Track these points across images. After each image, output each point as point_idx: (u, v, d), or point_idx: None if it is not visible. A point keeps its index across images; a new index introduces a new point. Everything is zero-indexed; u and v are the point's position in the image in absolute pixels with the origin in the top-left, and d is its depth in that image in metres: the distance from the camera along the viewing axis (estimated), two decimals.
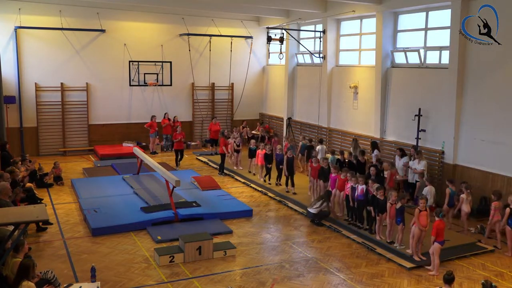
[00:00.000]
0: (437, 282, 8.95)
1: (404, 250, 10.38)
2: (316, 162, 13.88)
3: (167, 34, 22.11)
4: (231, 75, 23.47)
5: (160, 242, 10.93)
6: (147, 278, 9.21)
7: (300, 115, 21.51)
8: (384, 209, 10.73)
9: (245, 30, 23.45)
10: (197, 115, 23.22)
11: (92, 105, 21.05)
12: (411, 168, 13.72)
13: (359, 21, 18.05)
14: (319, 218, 12.37)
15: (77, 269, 9.49)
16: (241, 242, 11.14)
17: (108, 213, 12.39)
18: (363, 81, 17.56)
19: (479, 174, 13.10)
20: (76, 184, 15.21)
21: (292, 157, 14.89)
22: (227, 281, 9.13)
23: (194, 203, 13.16)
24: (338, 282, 9.20)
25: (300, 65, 21.69)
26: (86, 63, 20.76)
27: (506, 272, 9.78)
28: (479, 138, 13.21)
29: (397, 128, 16.11)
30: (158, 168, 13.81)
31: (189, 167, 18.71)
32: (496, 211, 10.89)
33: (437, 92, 14.43)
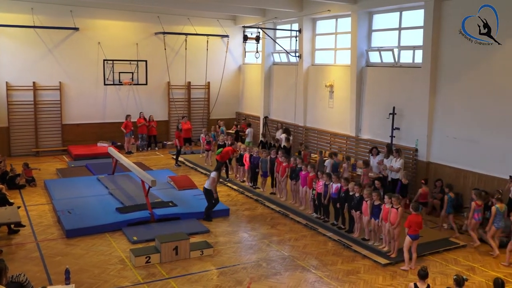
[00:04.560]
0: (412, 278, 9.09)
1: (379, 247, 10.53)
2: (285, 161, 13.84)
3: (142, 33, 21.91)
4: (207, 74, 23.40)
5: (136, 242, 10.81)
6: (122, 279, 9.11)
7: (277, 114, 21.58)
8: (360, 206, 10.86)
9: (221, 29, 23.40)
10: (173, 114, 23.07)
11: (65, 104, 20.71)
12: (387, 166, 13.89)
13: (334, 20, 18.21)
14: (206, 213, 12.45)
15: (51, 272, 9.32)
16: (218, 242, 11.12)
17: (83, 214, 12.21)
18: (339, 80, 17.72)
19: (452, 171, 13.37)
20: (49, 185, 14.94)
21: (275, 157, 14.49)
22: (204, 281, 9.10)
23: (171, 203, 13.07)
24: (314, 280, 9.27)
25: (276, 64, 21.76)
26: (59, 62, 20.41)
27: (477, 266, 10.01)
28: (452, 136, 13.49)
29: (372, 127, 16.31)
30: (134, 168, 13.66)
31: (165, 166, 18.58)
32: (475, 210, 10.83)
33: (410, 90, 14.67)
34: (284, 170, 13.80)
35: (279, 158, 14.08)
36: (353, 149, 16.88)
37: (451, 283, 7.41)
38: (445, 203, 11.81)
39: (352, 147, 16.95)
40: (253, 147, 15.84)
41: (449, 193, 11.81)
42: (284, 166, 13.79)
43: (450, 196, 11.78)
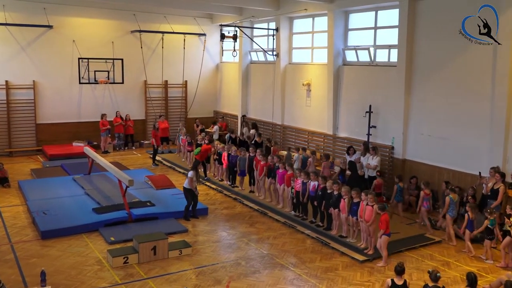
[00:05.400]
0: (389, 274, 9.23)
1: (356, 243, 10.65)
2: (263, 160, 13.87)
3: (118, 31, 21.64)
4: (184, 72, 23.25)
5: (114, 243, 10.71)
6: (100, 280, 9.02)
7: (255, 112, 21.60)
8: (338, 204, 10.96)
9: (198, 27, 23.29)
10: (150, 113, 22.87)
11: (39, 103, 20.33)
12: (363, 164, 14.06)
13: (311, 19, 18.31)
14: (186, 212, 12.49)
15: (26, 274, 9.16)
16: (197, 241, 11.09)
17: (58, 215, 12.03)
18: (316, 78, 17.84)
19: (427, 168, 13.61)
20: (23, 185, 14.67)
21: (254, 155, 14.47)
22: (183, 281, 9.07)
23: (148, 203, 12.97)
24: (293, 277, 9.33)
25: (253, 62, 21.77)
26: (33, 60, 20.02)
27: (452, 261, 10.22)
28: (426, 134, 13.72)
29: (349, 125, 16.47)
30: (111, 168, 13.51)
31: (142, 166, 18.42)
32: (424, 199, 11.82)
33: (386, 89, 14.86)
34: (262, 168, 13.83)
35: (257, 157, 14.11)
36: (331, 147, 17.02)
37: (428, 278, 7.55)
38: (394, 191, 12.46)
39: (330, 145, 17.09)
40: (231, 146, 15.85)
41: (399, 183, 12.48)
42: (262, 165, 13.82)
43: (399, 185, 12.48)
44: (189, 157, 17.97)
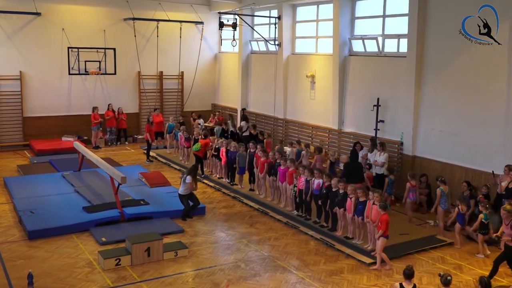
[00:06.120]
0: (397, 277, 9.22)
1: (363, 245, 10.64)
2: (264, 156, 13.85)
3: (110, 19, 21.60)
4: (180, 63, 23.23)
5: (105, 244, 10.71)
6: (90, 283, 9.02)
7: (255, 105, 21.58)
8: (344, 203, 10.94)
9: (196, 15, 23.23)
10: (144, 106, 22.85)
11: (27, 95, 20.33)
12: (370, 161, 14.04)
13: (315, 7, 18.25)
14: (185, 211, 12.48)
15: (12, 276, 9.16)
16: (194, 242, 11.09)
17: (47, 214, 12.03)
18: (320, 70, 17.80)
19: (438, 166, 13.57)
20: (9, 183, 14.68)
21: (254, 152, 14.46)
22: (179, 284, 9.07)
23: (142, 201, 12.97)
24: (296, 281, 9.32)
25: (254, 52, 21.73)
26: (20, 50, 19.99)
27: (464, 264, 10.21)
28: (438, 129, 13.68)
29: (355, 119, 16.44)
30: (102, 164, 13.52)
31: (135, 162, 18.42)
32: (410, 190, 12.19)
33: (395, 81, 14.82)
34: (262, 165, 13.81)
35: (258, 153, 14.09)
36: (336, 142, 17.00)
37: (438, 282, 7.53)
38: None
39: (335, 141, 17.07)
40: (231, 141, 15.84)
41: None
42: (262, 162, 13.81)
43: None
44: (186, 153, 17.94)
